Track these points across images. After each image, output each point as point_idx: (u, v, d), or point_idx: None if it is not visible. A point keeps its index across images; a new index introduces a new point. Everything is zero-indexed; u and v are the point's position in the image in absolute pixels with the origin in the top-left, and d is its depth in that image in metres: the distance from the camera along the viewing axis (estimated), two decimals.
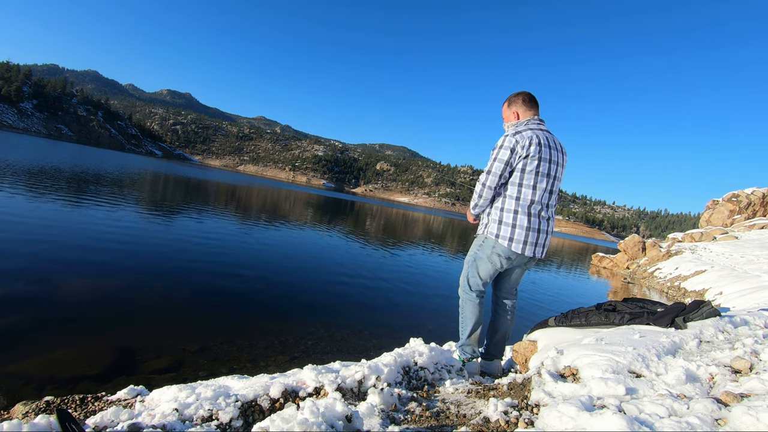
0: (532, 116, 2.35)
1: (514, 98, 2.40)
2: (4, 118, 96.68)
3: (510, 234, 2.23)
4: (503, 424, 1.47)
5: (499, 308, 2.57)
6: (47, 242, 5.47)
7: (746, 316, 2.35)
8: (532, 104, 2.37)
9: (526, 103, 2.37)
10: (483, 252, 2.35)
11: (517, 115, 2.37)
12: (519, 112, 2.37)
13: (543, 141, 2.22)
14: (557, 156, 2.29)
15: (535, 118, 2.34)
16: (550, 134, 2.32)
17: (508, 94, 2.44)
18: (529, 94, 2.40)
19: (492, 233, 2.30)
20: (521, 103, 2.37)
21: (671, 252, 17.87)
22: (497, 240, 2.27)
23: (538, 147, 2.20)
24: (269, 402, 1.68)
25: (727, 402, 1.29)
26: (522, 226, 2.22)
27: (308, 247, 9.36)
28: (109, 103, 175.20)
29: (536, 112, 2.37)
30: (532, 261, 2.37)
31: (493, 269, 2.36)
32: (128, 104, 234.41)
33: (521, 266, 2.41)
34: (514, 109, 2.39)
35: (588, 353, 1.77)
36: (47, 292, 3.82)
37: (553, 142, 2.29)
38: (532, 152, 2.19)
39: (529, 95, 2.39)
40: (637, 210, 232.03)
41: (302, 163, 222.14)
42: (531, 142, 2.19)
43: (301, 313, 4.62)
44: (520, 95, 2.39)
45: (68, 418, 1.32)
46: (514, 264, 2.35)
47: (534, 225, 2.23)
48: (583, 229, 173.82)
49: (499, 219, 2.27)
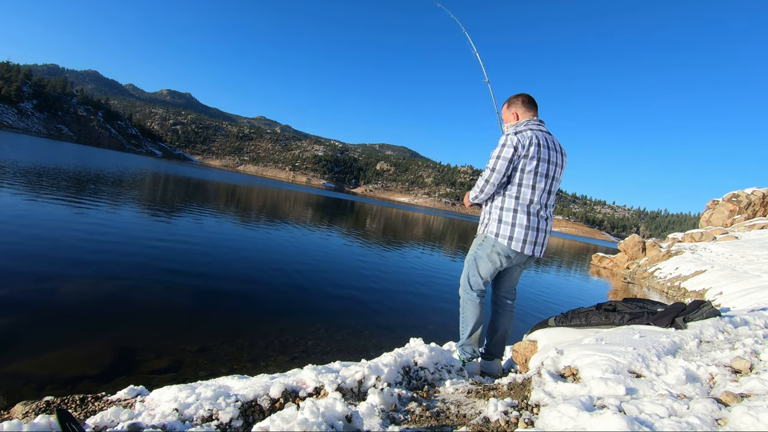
0: (531, 117, 2.38)
1: (513, 100, 2.45)
2: (4, 118, 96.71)
3: (510, 233, 2.26)
4: (503, 424, 1.47)
5: (498, 308, 2.60)
6: (47, 242, 5.46)
7: (746, 316, 2.35)
8: (531, 105, 2.41)
9: (525, 104, 2.41)
10: (483, 251, 2.38)
11: (517, 116, 2.41)
12: (518, 113, 2.41)
13: (542, 142, 2.26)
14: (556, 157, 2.31)
15: (535, 119, 2.37)
16: (549, 135, 2.35)
17: (508, 94, 2.50)
18: (528, 95, 2.43)
19: (492, 232, 2.33)
20: (520, 105, 2.41)
21: (671, 252, 17.88)
22: (497, 238, 2.30)
23: (537, 147, 2.23)
24: (269, 402, 1.68)
25: (727, 402, 1.29)
26: (521, 225, 2.25)
27: (308, 248, 9.36)
28: (109, 103, 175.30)
29: (535, 114, 2.41)
30: (531, 260, 2.42)
31: (493, 268, 2.38)
32: (128, 104, 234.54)
33: (520, 265, 2.45)
34: (514, 110, 2.43)
35: (588, 353, 1.77)
36: (47, 292, 3.82)
37: (552, 143, 2.32)
38: (531, 152, 2.21)
39: (528, 97, 2.43)
40: (637, 210, 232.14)
41: (302, 163, 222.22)
42: (531, 142, 2.22)
43: (301, 313, 4.62)
44: (519, 97, 2.43)
45: (68, 418, 1.32)
46: (513, 263, 2.38)
47: (533, 224, 2.26)
48: (583, 229, 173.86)
49: (499, 218, 2.31)
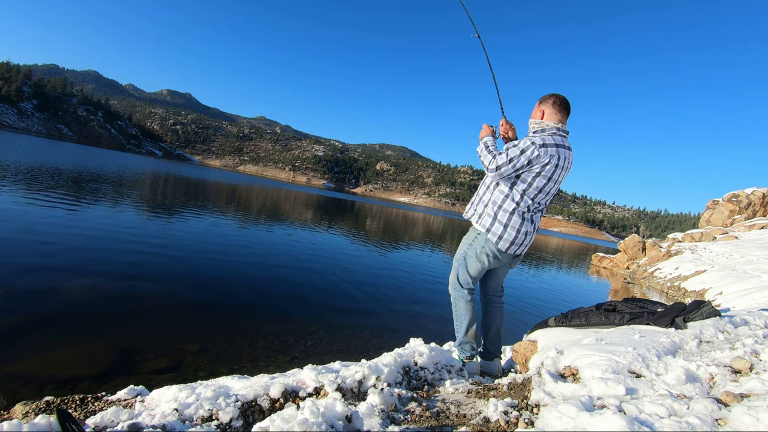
0: (558, 122, 2.27)
1: (546, 98, 2.33)
2: (4, 118, 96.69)
3: (501, 232, 2.31)
4: (503, 424, 1.47)
5: (488, 305, 2.65)
6: (47, 242, 5.46)
7: (746, 316, 2.35)
8: (560, 108, 2.28)
9: (555, 106, 2.29)
10: (472, 250, 2.43)
11: (542, 114, 2.31)
12: (545, 112, 2.30)
13: (561, 162, 2.21)
14: (560, 175, 2.28)
15: (561, 129, 2.27)
16: (567, 151, 2.26)
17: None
18: (562, 98, 2.31)
19: (484, 227, 2.37)
20: (550, 105, 2.30)
21: (671, 252, 17.87)
22: (487, 235, 2.34)
23: (554, 169, 2.21)
24: (269, 402, 1.68)
25: (727, 402, 1.29)
26: (514, 228, 2.30)
27: (308, 248, 9.35)
28: (109, 103, 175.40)
29: (563, 119, 2.29)
30: (517, 260, 2.49)
31: (482, 267, 2.44)
32: (128, 104, 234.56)
33: (507, 265, 2.51)
34: (542, 108, 2.32)
35: (588, 353, 1.77)
36: (47, 292, 3.82)
37: (566, 161, 2.26)
38: (545, 172, 2.20)
39: (562, 99, 2.30)
40: (637, 210, 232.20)
41: (302, 163, 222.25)
42: (550, 162, 2.18)
43: (301, 313, 4.62)
44: (552, 96, 2.31)
45: (68, 418, 1.32)
46: (501, 262, 2.44)
47: (525, 228, 2.32)
48: (583, 229, 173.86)
49: (494, 215, 2.33)
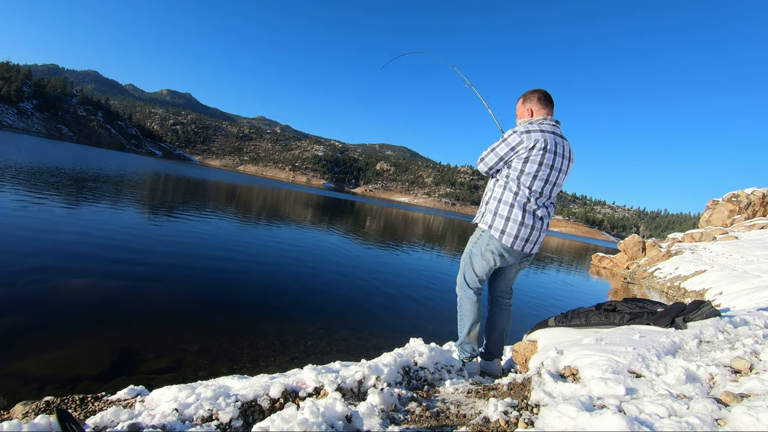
0: (546, 115, 2.31)
1: (529, 95, 2.37)
2: (4, 118, 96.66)
3: (503, 227, 2.27)
4: (503, 424, 1.47)
5: (495, 307, 2.63)
6: (47, 242, 5.46)
7: (746, 316, 2.35)
8: (546, 103, 2.33)
9: (541, 101, 2.33)
10: (477, 249, 2.41)
11: (531, 113, 2.34)
12: (533, 110, 2.34)
13: (549, 146, 2.20)
14: (561, 163, 2.26)
15: (549, 119, 2.30)
16: (561, 139, 2.27)
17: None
18: (544, 92, 2.34)
19: (487, 223, 2.35)
20: (536, 101, 2.34)
21: (671, 252, 17.87)
22: (490, 230, 2.32)
23: (542, 152, 2.18)
24: (269, 402, 1.68)
25: (727, 402, 1.29)
26: (515, 221, 2.25)
27: (308, 248, 9.36)
28: (109, 103, 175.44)
29: (550, 112, 2.33)
30: (526, 260, 2.43)
31: (488, 266, 2.40)
32: (128, 104, 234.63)
33: (515, 265, 2.46)
34: (529, 106, 2.36)
35: (588, 353, 1.77)
36: (47, 292, 3.82)
37: (561, 147, 2.26)
38: (533, 155, 2.18)
39: (545, 93, 2.34)
40: (637, 210, 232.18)
41: (302, 163, 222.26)
42: (535, 146, 2.17)
43: (301, 313, 4.62)
44: (535, 93, 2.35)
45: (68, 418, 1.32)
46: (508, 262, 2.38)
47: (527, 221, 2.25)
48: (583, 229, 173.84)
49: (496, 210, 2.32)
